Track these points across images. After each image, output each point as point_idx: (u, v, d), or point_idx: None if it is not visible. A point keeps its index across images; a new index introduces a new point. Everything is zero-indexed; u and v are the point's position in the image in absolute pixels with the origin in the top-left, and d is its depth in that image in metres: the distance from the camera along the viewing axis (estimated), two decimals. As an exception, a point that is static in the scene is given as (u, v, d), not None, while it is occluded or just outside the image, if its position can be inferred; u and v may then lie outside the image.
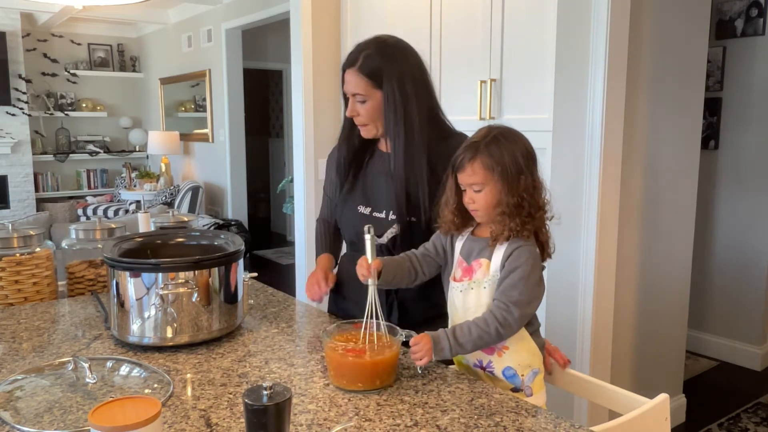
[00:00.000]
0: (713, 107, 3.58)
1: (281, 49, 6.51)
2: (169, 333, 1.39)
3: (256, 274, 1.63)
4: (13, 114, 6.53)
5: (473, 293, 1.31)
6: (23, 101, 6.57)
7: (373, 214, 1.61)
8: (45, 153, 7.08)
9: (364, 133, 1.62)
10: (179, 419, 1.07)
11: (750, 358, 3.58)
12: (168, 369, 1.29)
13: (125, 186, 7.01)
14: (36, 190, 6.93)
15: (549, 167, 2.30)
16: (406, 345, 1.28)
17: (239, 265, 1.49)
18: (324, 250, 1.81)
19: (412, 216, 1.56)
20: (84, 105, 7.32)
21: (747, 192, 3.53)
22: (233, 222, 6.12)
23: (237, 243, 1.54)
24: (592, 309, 2.34)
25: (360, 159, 1.68)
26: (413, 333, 1.25)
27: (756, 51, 3.42)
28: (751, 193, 3.51)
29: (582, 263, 2.34)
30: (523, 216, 1.25)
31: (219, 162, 6.50)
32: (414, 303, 1.59)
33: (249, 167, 6.63)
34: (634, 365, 2.68)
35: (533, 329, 1.33)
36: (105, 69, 7.48)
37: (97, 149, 7.40)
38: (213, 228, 5.60)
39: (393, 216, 1.58)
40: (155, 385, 1.20)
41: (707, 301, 3.71)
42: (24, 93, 6.57)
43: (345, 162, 1.69)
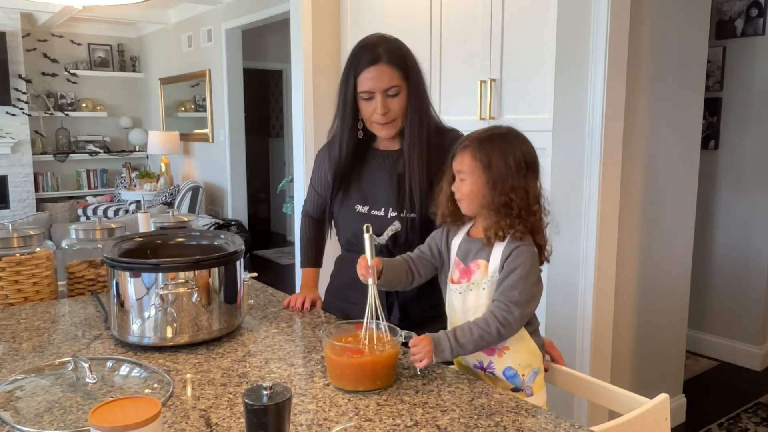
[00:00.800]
0: (713, 107, 3.58)
1: (281, 49, 6.51)
2: (169, 333, 1.39)
3: (256, 274, 1.63)
4: (13, 114, 6.53)
5: (472, 294, 1.31)
6: (23, 101, 6.57)
7: (372, 212, 1.61)
8: (45, 153, 7.08)
9: (386, 133, 1.55)
10: (179, 419, 1.07)
11: (750, 358, 3.58)
12: (168, 369, 1.29)
13: (125, 186, 7.01)
14: (36, 190, 6.93)
15: (549, 167, 2.30)
16: (406, 345, 1.28)
17: (239, 265, 1.49)
18: (308, 258, 1.82)
19: (412, 213, 1.56)
20: (84, 105, 7.32)
21: (747, 192, 3.53)
22: (233, 222, 6.12)
23: (237, 243, 1.54)
24: (592, 309, 2.34)
25: (358, 159, 1.65)
26: (413, 333, 1.25)
27: (756, 51, 3.42)
28: (751, 193, 3.51)
29: (582, 263, 2.34)
30: (513, 216, 1.26)
31: (219, 162, 6.50)
32: (414, 303, 1.59)
33: (249, 167, 6.62)
34: (634, 365, 2.68)
35: (533, 329, 1.33)
36: (105, 69, 7.48)
37: (97, 149, 7.40)
38: (213, 228, 5.59)
39: (393, 213, 1.58)
40: (155, 385, 1.20)
41: (707, 301, 3.71)
42: (24, 93, 6.57)
43: (345, 165, 1.62)
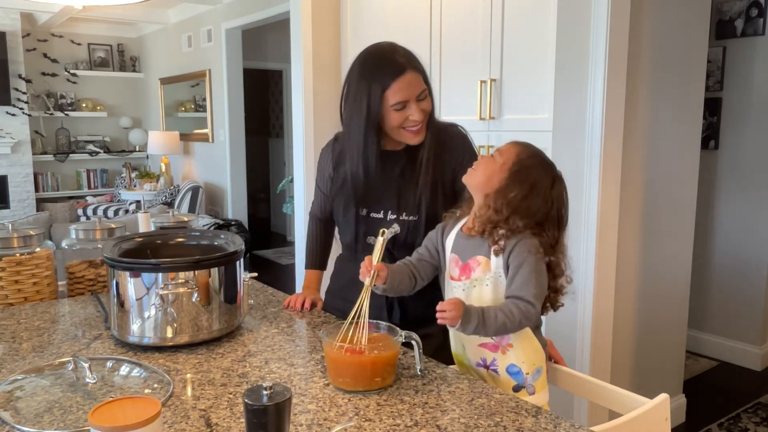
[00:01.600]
0: (713, 107, 3.58)
1: (281, 49, 6.52)
2: (169, 333, 1.39)
3: (256, 274, 1.63)
4: (13, 114, 6.53)
5: (476, 291, 1.32)
6: (23, 101, 6.57)
7: (371, 215, 1.60)
8: (45, 153, 7.07)
9: (418, 139, 1.52)
10: (179, 419, 1.07)
11: (750, 358, 3.58)
12: (168, 369, 1.29)
13: (125, 186, 7.01)
14: (36, 190, 6.92)
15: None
16: (406, 345, 1.28)
17: (239, 265, 1.49)
18: (313, 260, 1.82)
19: (413, 215, 1.56)
20: (84, 105, 7.32)
21: (747, 192, 3.53)
22: (233, 222, 6.12)
23: (237, 243, 1.54)
24: (592, 309, 2.34)
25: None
26: (413, 334, 1.25)
27: (756, 51, 3.42)
28: (751, 193, 3.51)
29: (582, 263, 2.34)
30: (500, 222, 1.28)
31: (219, 162, 6.50)
32: (414, 302, 1.58)
33: (249, 167, 6.62)
34: (634, 365, 2.68)
35: (535, 326, 1.34)
36: (105, 69, 7.48)
37: (97, 149, 7.40)
38: (213, 228, 5.60)
39: (392, 216, 1.58)
40: (155, 385, 1.20)
41: (707, 301, 3.71)
42: (24, 93, 6.57)
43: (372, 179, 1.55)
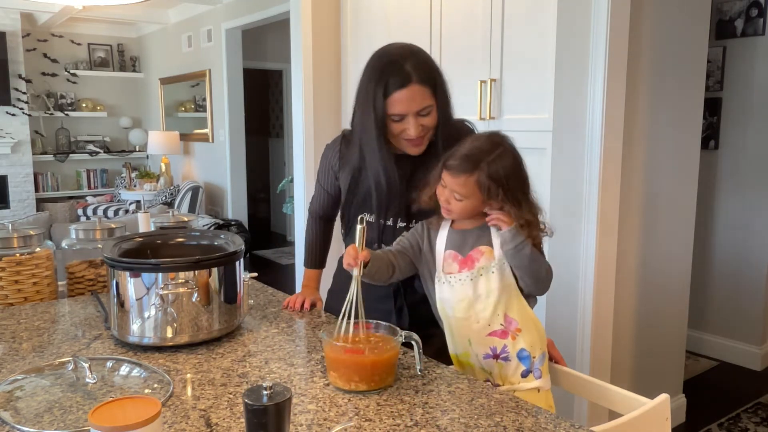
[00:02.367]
0: (713, 107, 3.58)
1: (281, 49, 6.51)
2: (169, 333, 1.39)
3: (256, 274, 1.63)
4: (13, 114, 6.53)
5: (483, 279, 1.34)
6: (23, 101, 6.57)
7: (380, 221, 1.57)
8: (45, 153, 7.07)
9: (417, 150, 1.50)
10: (179, 419, 1.07)
11: (750, 358, 3.58)
12: (168, 369, 1.29)
13: (125, 186, 7.01)
14: (36, 190, 6.92)
15: (549, 167, 2.30)
16: (406, 345, 1.28)
17: (239, 265, 1.49)
18: (312, 259, 1.82)
19: (416, 219, 1.55)
20: (84, 105, 7.32)
21: (747, 192, 3.53)
22: (233, 222, 6.12)
23: (237, 243, 1.54)
24: (592, 309, 2.34)
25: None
26: (413, 334, 1.25)
27: (756, 51, 3.42)
28: (751, 193, 3.51)
29: (582, 263, 2.34)
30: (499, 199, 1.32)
31: (219, 162, 6.50)
32: (422, 305, 1.57)
33: (249, 167, 6.62)
34: (634, 365, 2.68)
35: (533, 305, 1.40)
36: (105, 69, 7.48)
37: (97, 149, 7.40)
38: (213, 228, 5.60)
39: (402, 224, 1.56)
40: (155, 385, 1.20)
41: (707, 301, 3.71)
42: (24, 93, 6.57)
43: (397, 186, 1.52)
